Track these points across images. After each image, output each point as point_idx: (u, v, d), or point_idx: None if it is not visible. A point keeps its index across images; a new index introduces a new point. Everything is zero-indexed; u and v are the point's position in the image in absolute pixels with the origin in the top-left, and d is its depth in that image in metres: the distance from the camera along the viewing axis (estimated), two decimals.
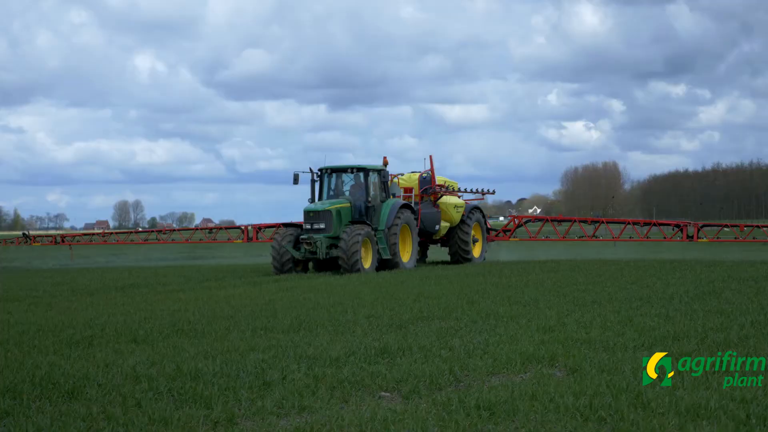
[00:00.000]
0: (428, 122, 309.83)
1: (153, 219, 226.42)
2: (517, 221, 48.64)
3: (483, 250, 44.64)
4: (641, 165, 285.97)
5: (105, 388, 12.23)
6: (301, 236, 36.83)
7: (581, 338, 15.58)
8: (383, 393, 11.86)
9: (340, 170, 39.00)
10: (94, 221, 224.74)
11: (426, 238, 42.89)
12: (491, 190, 47.54)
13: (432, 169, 42.49)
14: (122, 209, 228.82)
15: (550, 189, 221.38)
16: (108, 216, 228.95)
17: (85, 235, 61.72)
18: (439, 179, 42.85)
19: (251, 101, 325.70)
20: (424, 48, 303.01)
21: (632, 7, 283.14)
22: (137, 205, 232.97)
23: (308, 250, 36.55)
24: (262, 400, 11.33)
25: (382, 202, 38.68)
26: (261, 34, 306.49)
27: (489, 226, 46.82)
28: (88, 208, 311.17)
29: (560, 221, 50.02)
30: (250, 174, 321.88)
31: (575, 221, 48.59)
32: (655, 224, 47.35)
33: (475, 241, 44.08)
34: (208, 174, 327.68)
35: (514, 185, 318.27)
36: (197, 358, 14.35)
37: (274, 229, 40.73)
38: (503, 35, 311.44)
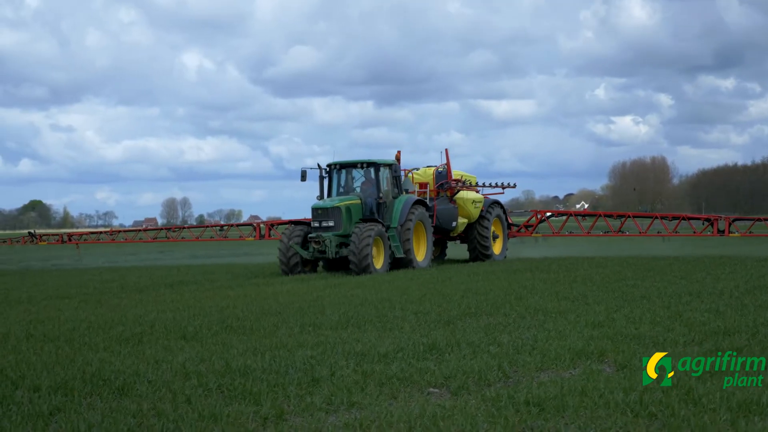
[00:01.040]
0: (475, 118, 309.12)
1: (201, 216, 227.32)
2: (539, 216, 46.15)
3: (504, 247, 42.95)
4: (690, 159, 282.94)
5: (155, 385, 12.29)
6: (310, 235, 35.32)
7: (630, 334, 15.48)
8: (432, 389, 11.84)
9: (350, 165, 37.30)
10: (142, 219, 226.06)
11: (443, 235, 41.04)
12: (512, 184, 44.61)
13: (448, 163, 40.59)
14: (170, 206, 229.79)
15: (597, 184, 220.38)
16: (156, 213, 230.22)
17: (92, 233, 58.16)
18: (456, 173, 41.12)
19: (298, 98, 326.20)
20: (471, 43, 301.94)
21: (681, 0, 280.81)
22: (185, 203, 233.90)
23: (317, 250, 34.99)
24: (310, 397, 11.34)
25: (395, 198, 37.02)
26: (308, 31, 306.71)
27: (511, 222, 44.89)
28: (137, 205, 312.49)
29: (584, 216, 47.95)
30: (298, 171, 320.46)
31: (600, 216, 46.03)
32: (684, 218, 44.10)
33: (495, 237, 42.36)
34: (256, 171, 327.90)
35: (561, 180, 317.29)
36: (246, 355, 14.40)
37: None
38: (551, 30, 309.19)
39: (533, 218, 46.15)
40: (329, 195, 36.82)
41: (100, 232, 57.98)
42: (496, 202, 42.76)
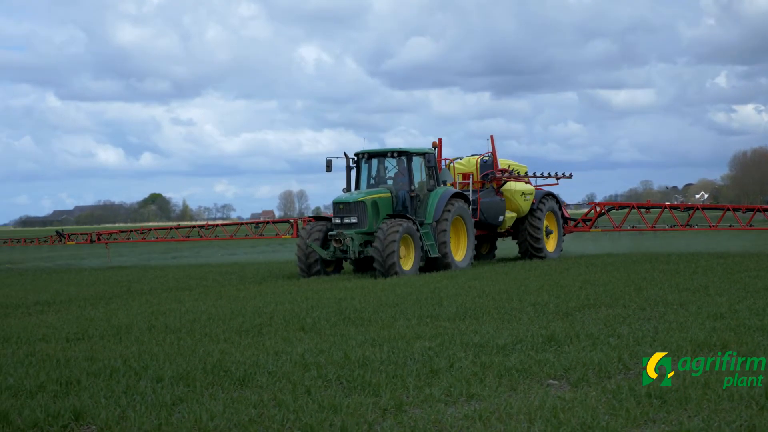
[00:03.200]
0: (593, 108, 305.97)
1: (317, 208, 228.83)
2: (598, 209, 40.79)
3: (559, 244, 38.56)
4: None
5: (275, 376, 12.41)
6: (330, 233, 31.37)
7: (754, 325, 15.19)
8: (551, 381, 11.76)
9: (379, 154, 33.17)
10: (260, 211, 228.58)
11: (489, 231, 36.66)
12: (568, 174, 40.16)
13: (494, 151, 36.69)
14: (287, 199, 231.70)
15: (717, 174, 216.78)
16: (273, 206, 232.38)
17: (122, 232, 53.28)
18: (503, 162, 37.10)
19: (416, 90, 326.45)
20: (590, 32, 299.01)
21: None
22: (302, 195, 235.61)
23: (338, 249, 30.97)
24: (429, 388, 11.34)
25: (430, 191, 32.61)
26: (426, 23, 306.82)
27: (567, 216, 40.14)
28: (254, 198, 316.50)
29: (648, 208, 41.53)
30: None
31: (666, 208, 41.09)
32: (760, 210, 38.65)
33: (549, 233, 37.98)
34: None
35: (680, 170, 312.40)
36: (364, 346, 14.45)
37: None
38: (671, 18, 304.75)
39: (592, 211, 41.26)
40: (357, 187, 33.02)
41: (131, 231, 52.70)
42: (550, 194, 38.47)
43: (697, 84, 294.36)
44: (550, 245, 37.93)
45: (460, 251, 33.27)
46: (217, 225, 51.98)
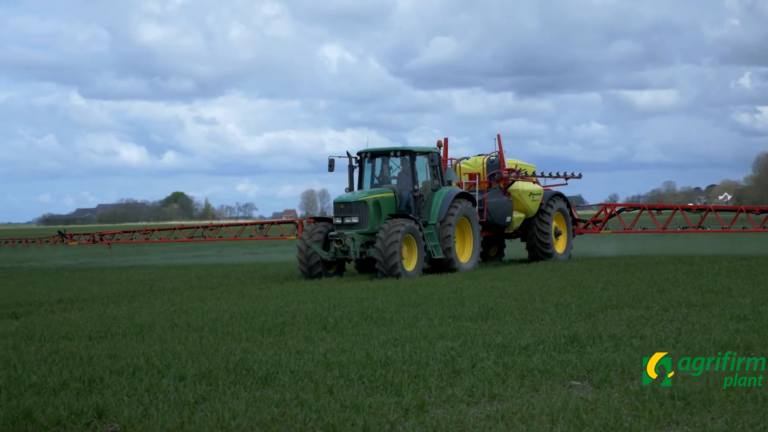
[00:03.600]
0: (617, 108, 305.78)
1: None
2: (608, 210, 39.93)
3: (568, 245, 37.85)
4: None
5: (297, 375, 12.42)
6: (330, 233, 30.62)
7: None
8: (574, 382, 11.73)
9: (382, 153, 32.41)
10: (281, 210, 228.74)
11: (497, 232, 36.03)
12: (577, 174, 39.25)
13: (500, 151, 35.96)
14: (309, 198, 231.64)
15: (741, 175, 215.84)
16: (295, 205, 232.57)
17: (125, 232, 52.24)
18: (510, 162, 36.39)
19: (438, 89, 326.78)
20: (614, 33, 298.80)
21: None
22: (324, 194, 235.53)
23: (338, 250, 30.19)
24: (452, 388, 11.33)
25: (434, 191, 31.90)
26: (449, 22, 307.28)
27: (577, 216, 39.37)
28: (276, 197, 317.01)
29: (659, 210, 41.05)
30: None
31: (677, 209, 39.68)
32: None
33: (558, 234, 37.30)
34: None
35: (704, 171, 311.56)
36: (386, 346, 14.45)
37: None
38: (696, 18, 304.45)
39: (602, 212, 40.48)
40: (360, 187, 32.34)
41: (133, 231, 51.55)
42: (559, 194, 37.70)
43: (721, 85, 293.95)
44: (560, 246, 37.33)
45: (465, 252, 32.64)
46: (221, 225, 50.81)
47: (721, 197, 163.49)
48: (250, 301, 22.56)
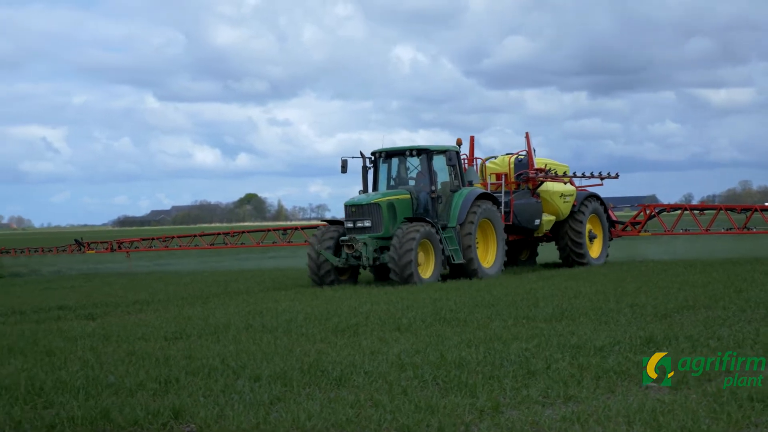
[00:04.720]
0: (692, 107, 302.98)
1: None
2: (648, 211, 37.38)
3: (604, 249, 35.66)
4: None
5: (371, 376, 12.42)
6: (342, 238, 28.87)
7: None
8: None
9: (397, 153, 30.48)
10: None
11: (525, 235, 34.04)
12: (614, 174, 36.78)
13: (529, 149, 34.12)
14: None
15: None
16: None
17: (143, 240, 50.77)
18: (539, 161, 34.32)
19: (511, 89, 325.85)
20: (689, 31, 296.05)
21: None
22: None
23: (350, 255, 28.51)
24: (526, 389, 11.27)
25: (453, 192, 29.94)
26: (522, 21, 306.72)
27: (615, 219, 37.36)
28: (348, 198, 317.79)
29: (702, 210, 38.45)
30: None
31: (721, 209, 37.45)
32: None
33: (592, 237, 35.18)
34: None
35: None
36: (460, 347, 14.41)
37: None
38: None
39: (641, 214, 37.88)
40: (375, 188, 30.53)
41: (152, 239, 49.85)
42: (593, 195, 35.53)
43: None
44: (594, 251, 35.28)
45: (488, 257, 30.73)
46: (243, 232, 49.11)
47: None
48: (324, 303, 22.63)
